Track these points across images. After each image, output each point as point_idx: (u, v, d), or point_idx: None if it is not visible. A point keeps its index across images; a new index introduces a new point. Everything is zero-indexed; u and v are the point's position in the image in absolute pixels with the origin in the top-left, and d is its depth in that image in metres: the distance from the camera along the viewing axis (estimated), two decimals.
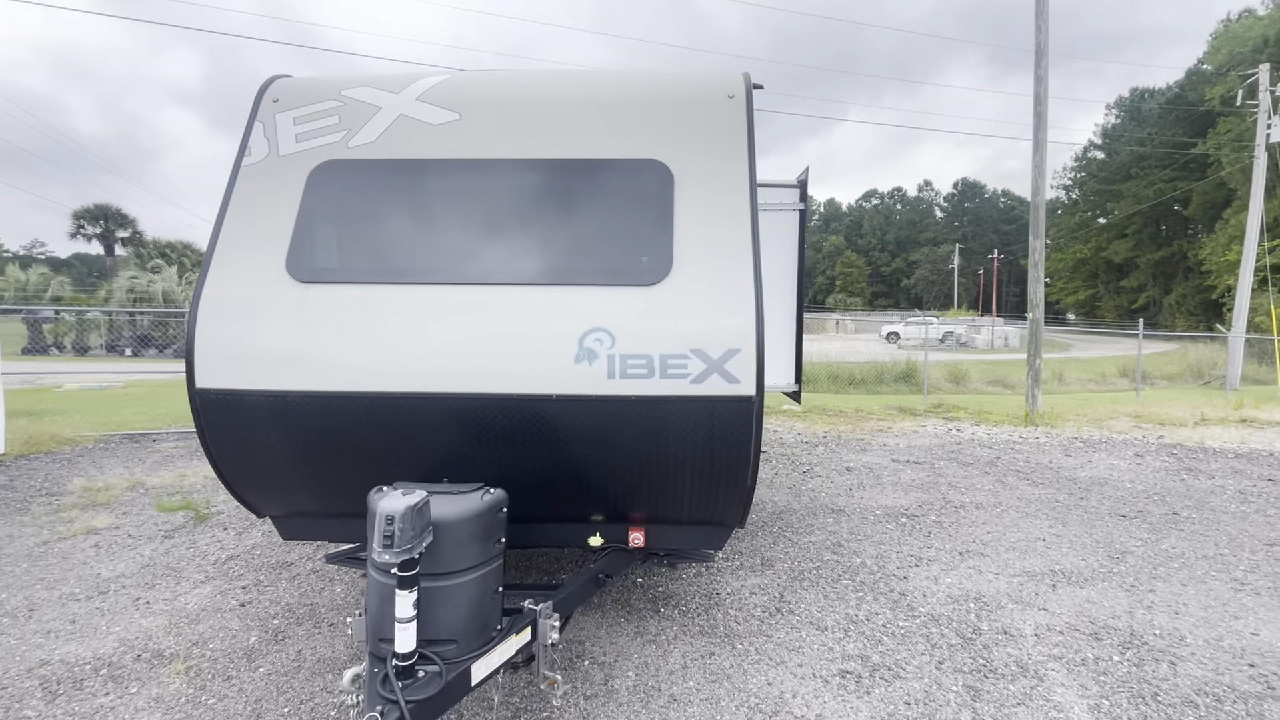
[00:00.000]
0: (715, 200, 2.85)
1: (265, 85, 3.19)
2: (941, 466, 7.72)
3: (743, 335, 2.63)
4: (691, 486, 2.86)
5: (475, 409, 2.66)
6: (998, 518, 5.69)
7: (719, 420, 2.65)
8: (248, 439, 2.78)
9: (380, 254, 2.87)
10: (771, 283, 4.57)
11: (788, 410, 12.23)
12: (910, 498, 6.30)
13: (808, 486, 6.65)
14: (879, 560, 4.62)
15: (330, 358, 2.70)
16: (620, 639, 3.45)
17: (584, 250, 2.85)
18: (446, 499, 2.25)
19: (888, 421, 11.26)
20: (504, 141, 2.99)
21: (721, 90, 3.08)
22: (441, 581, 2.17)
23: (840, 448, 8.80)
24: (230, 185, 2.96)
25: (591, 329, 2.65)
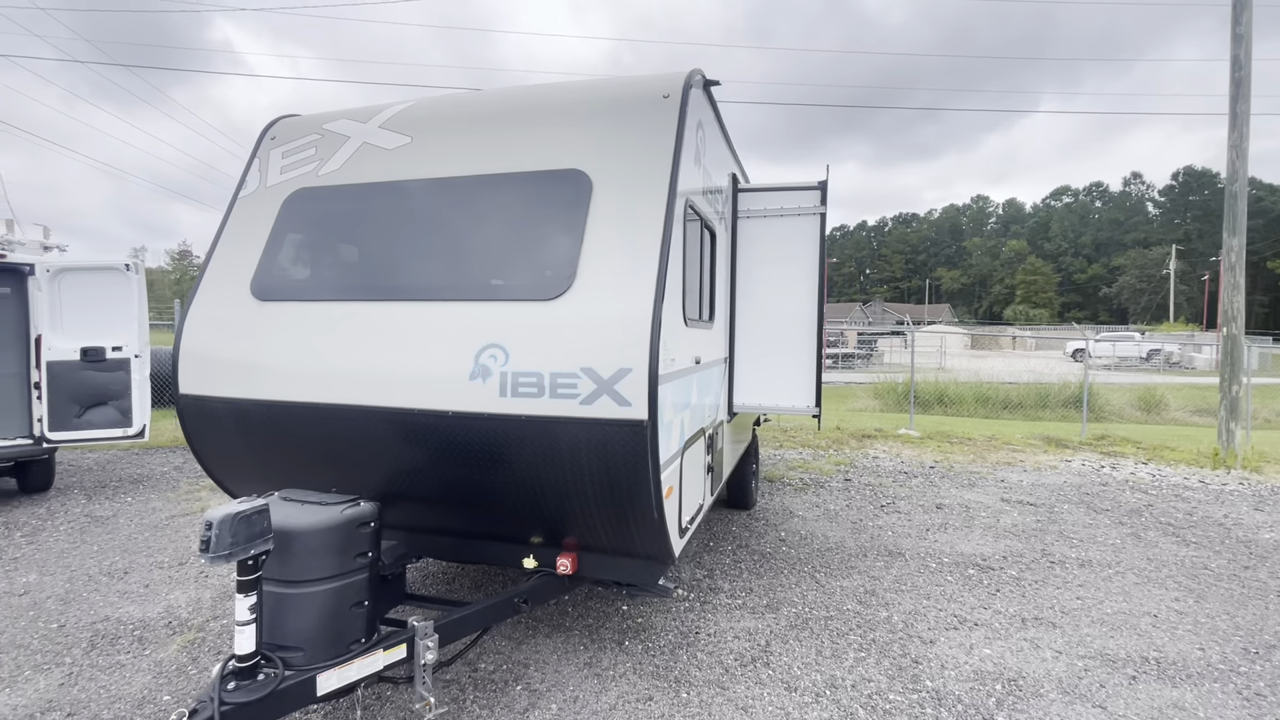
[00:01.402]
0: (630, 209, 2.66)
1: (268, 125, 3.58)
2: (1062, 511, 6.45)
3: (635, 354, 2.41)
4: (598, 516, 2.67)
5: (383, 421, 2.72)
6: (1104, 581, 4.61)
7: (611, 445, 2.45)
8: (216, 437, 3.11)
9: (320, 272, 3.07)
10: (786, 294, 4.18)
11: (903, 435, 11.06)
12: (997, 546, 5.34)
13: (876, 523, 5.92)
14: (910, 617, 3.95)
15: (272, 369, 2.93)
16: (566, 668, 3.30)
17: (493, 265, 2.81)
18: (304, 509, 2.32)
19: (1023, 453, 9.70)
20: (443, 161, 3.05)
21: (657, 91, 2.88)
22: (290, 589, 2.24)
23: (944, 481, 7.74)
24: (226, 214, 3.36)
25: (488, 345, 2.59)
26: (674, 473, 2.72)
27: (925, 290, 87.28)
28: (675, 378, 2.70)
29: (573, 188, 2.75)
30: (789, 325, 4.30)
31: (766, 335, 4.35)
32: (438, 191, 2.98)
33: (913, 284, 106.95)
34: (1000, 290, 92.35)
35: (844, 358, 35.83)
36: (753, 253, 4.34)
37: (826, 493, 7.03)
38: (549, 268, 2.66)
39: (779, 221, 4.30)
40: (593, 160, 2.80)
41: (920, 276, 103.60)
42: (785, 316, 4.30)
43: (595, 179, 2.75)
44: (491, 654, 3.45)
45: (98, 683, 3.18)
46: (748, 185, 4.43)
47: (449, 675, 3.22)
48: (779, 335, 4.32)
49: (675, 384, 2.71)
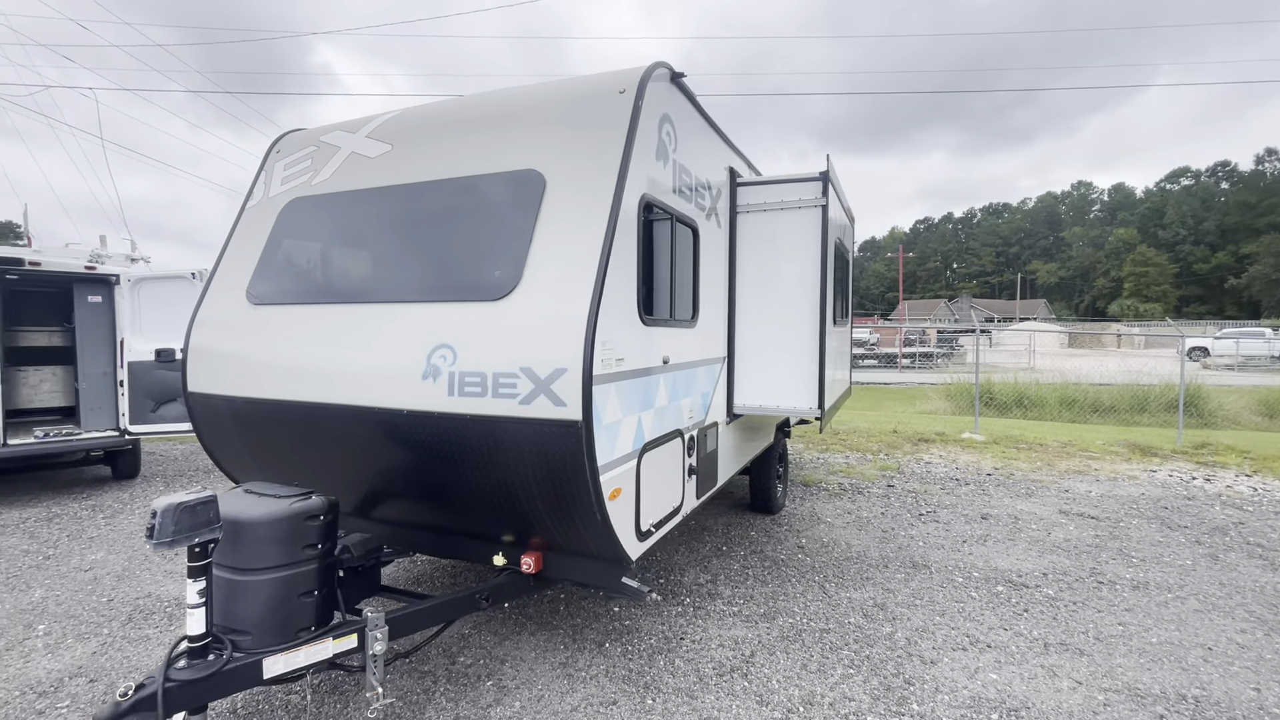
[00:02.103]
0: (578, 207, 2.63)
1: (276, 140, 3.82)
2: (1128, 526, 5.84)
3: (570, 354, 2.38)
4: (547, 516, 2.66)
5: (351, 419, 2.83)
6: (1158, 607, 4.13)
7: (549, 445, 2.43)
8: (219, 432, 3.34)
9: (304, 277, 3.23)
10: (786, 292, 4.02)
11: (965, 440, 10.37)
12: (1040, 561, 4.90)
13: (909, 532, 5.58)
14: (917, 634, 3.69)
15: (259, 368, 3.12)
16: (541, 666, 3.32)
17: (449, 266, 2.86)
18: (256, 500, 2.45)
19: (1100, 461, 8.87)
20: (415, 167, 3.14)
21: (613, 87, 2.83)
22: (241, 576, 2.37)
23: (998, 489, 7.20)
24: (234, 224, 3.61)
25: (439, 345, 2.65)
26: (625, 474, 2.67)
27: (1017, 285, 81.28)
28: (625, 378, 2.65)
29: (527, 188, 2.76)
30: (788, 324, 4.12)
31: (766, 335, 4.19)
32: (406, 197, 3.07)
33: (1004, 278, 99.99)
34: (1105, 284, 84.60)
35: (921, 357, 34.07)
36: (752, 249, 4.19)
37: (863, 499, 6.70)
38: (499, 268, 2.68)
39: (779, 215, 4.13)
40: (548, 159, 2.79)
41: (1013, 270, 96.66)
42: (784, 315, 4.12)
43: (549, 178, 2.74)
44: (474, 648, 3.52)
45: (124, 653, 3.50)
46: (747, 179, 4.28)
47: (426, 666, 3.32)
48: (778, 335, 4.15)
49: (625, 384, 2.65)
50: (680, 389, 3.33)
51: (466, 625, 3.77)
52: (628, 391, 2.68)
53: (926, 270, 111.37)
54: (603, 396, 2.46)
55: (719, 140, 3.97)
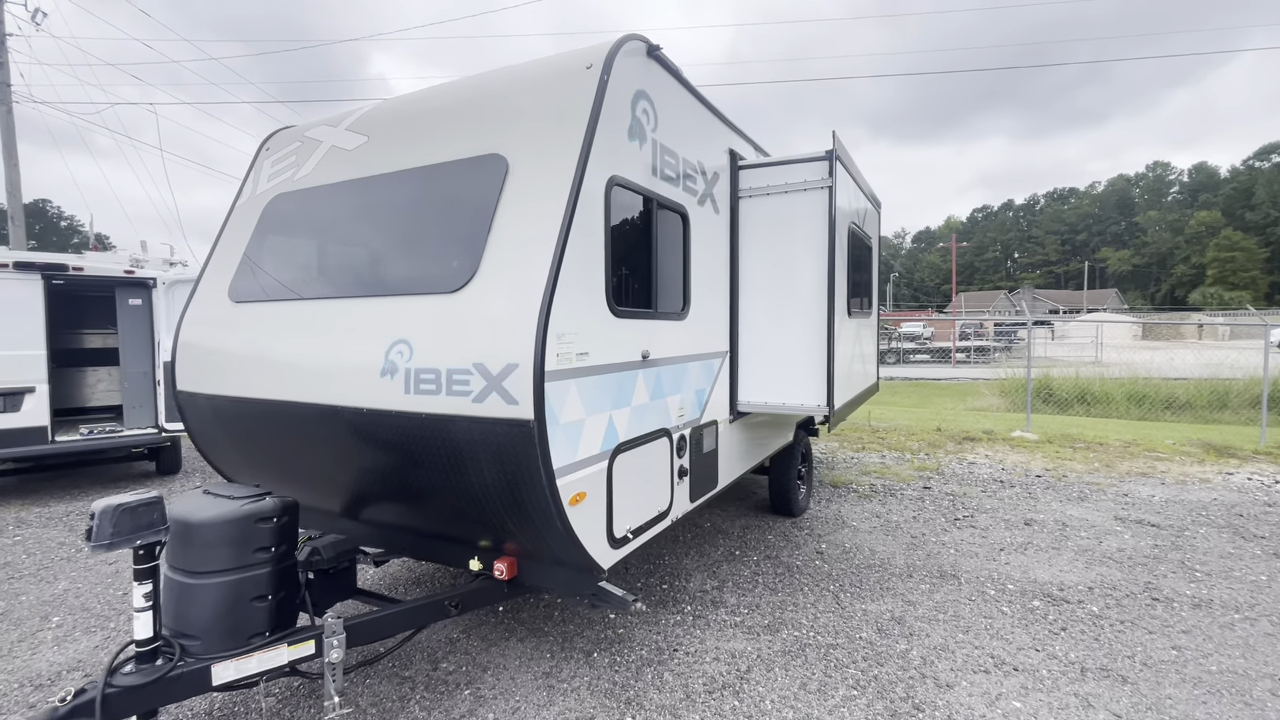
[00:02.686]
0: (538, 191, 2.46)
1: (266, 138, 3.80)
2: (1194, 535, 5.28)
3: (521, 349, 2.22)
4: (510, 521, 2.51)
5: (319, 417, 2.75)
6: (1222, 629, 3.66)
7: (503, 447, 2.28)
8: (207, 430, 3.34)
9: (280, 273, 3.18)
10: (791, 281, 3.76)
11: (1016, 438, 9.72)
12: (1086, 574, 4.46)
13: (940, 539, 5.20)
14: (935, 653, 3.37)
15: (237, 367, 3.09)
16: (523, 676, 3.18)
17: (410, 257, 2.74)
18: (207, 502, 2.39)
19: (1168, 462, 8.13)
20: (388, 157, 3.04)
21: (580, 63, 2.64)
22: (190, 579, 2.31)
23: (1047, 492, 6.66)
24: (224, 222, 3.61)
25: (397, 340, 2.53)
26: (591, 477, 2.48)
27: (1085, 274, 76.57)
28: (589, 374, 2.47)
29: (490, 173, 2.61)
30: (794, 317, 3.84)
31: (771, 328, 3.92)
32: (376, 188, 2.97)
33: (1070, 268, 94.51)
34: (1185, 271, 78.81)
35: (977, 351, 32.53)
36: (755, 237, 3.93)
37: (895, 502, 6.31)
38: (457, 258, 2.54)
39: (783, 199, 3.85)
40: (512, 142, 2.63)
41: (1080, 259, 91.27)
42: (790, 307, 3.85)
43: (512, 162, 2.58)
44: (459, 653, 3.41)
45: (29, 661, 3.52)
46: (749, 161, 4.01)
47: (408, 671, 3.23)
48: (784, 328, 3.87)
49: (589, 380, 2.47)
50: (666, 386, 3.12)
51: (456, 630, 3.67)
52: (593, 388, 2.50)
53: (985, 261, 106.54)
54: (560, 394, 2.28)
55: (715, 120, 3.72)
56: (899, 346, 32.92)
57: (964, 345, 32.88)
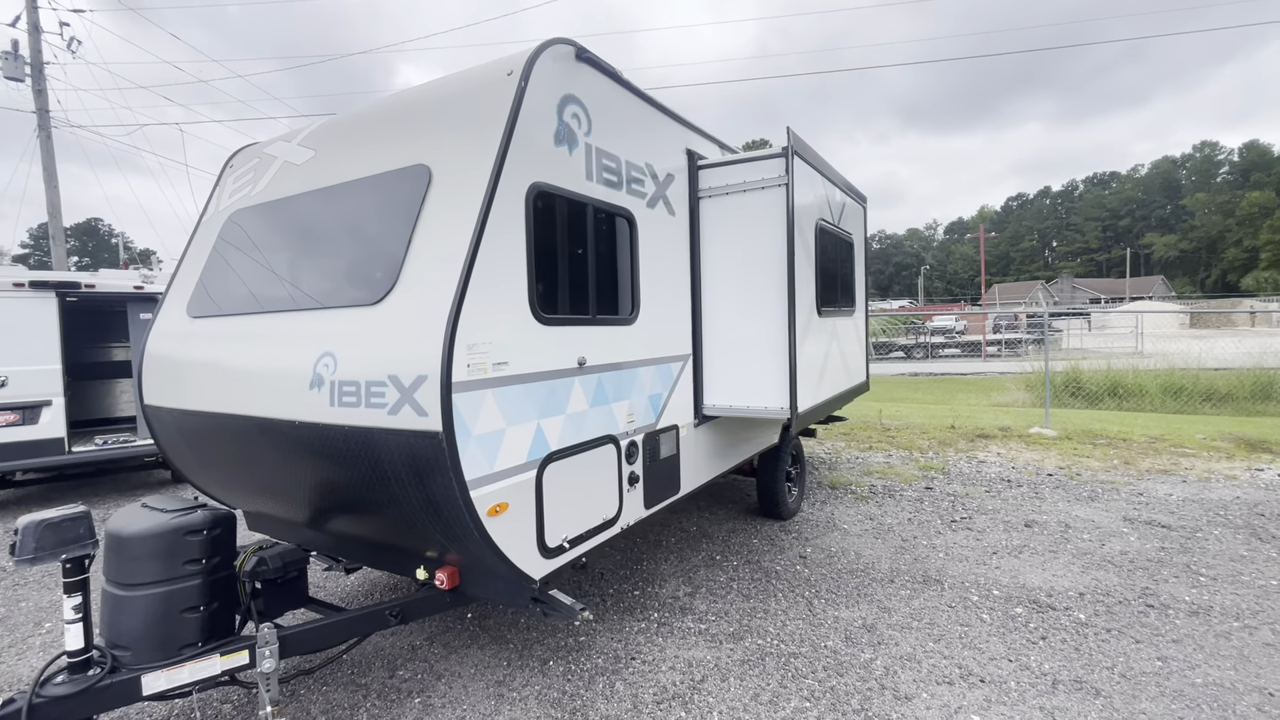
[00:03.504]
0: (457, 201, 2.45)
1: (231, 155, 3.89)
2: (1207, 537, 5.01)
3: (429, 359, 2.21)
4: (437, 531, 2.50)
5: (257, 430, 2.80)
6: (1217, 638, 3.46)
7: (418, 459, 2.27)
8: (171, 443, 3.43)
9: (229, 288, 3.24)
10: (751, 282, 3.70)
11: (1033, 435, 9.38)
12: (1081, 579, 4.26)
13: (932, 542, 5.04)
14: (900, 663, 3.26)
15: (192, 380, 3.16)
16: (475, 685, 3.17)
17: (339, 269, 2.76)
18: (139, 515, 2.44)
19: (1194, 458, 7.75)
20: (330, 171, 3.07)
21: (502, 70, 2.63)
22: (122, 591, 2.37)
23: (1055, 492, 6.41)
24: (190, 238, 3.70)
25: (324, 353, 2.55)
26: (514, 488, 2.46)
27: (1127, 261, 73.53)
28: (509, 383, 2.44)
29: (414, 184, 2.61)
30: (756, 318, 3.75)
31: (734, 330, 3.85)
32: (316, 201, 3.00)
33: (1112, 255, 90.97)
34: (1236, 255, 75.11)
35: (1009, 344, 31.54)
36: (715, 237, 3.86)
37: (893, 503, 6.14)
38: (380, 270, 2.55)
39: (742, 198, 3.77)
40: (436, 152, 2.63)
41: (1122, 245, 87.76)
42: (752, 308, 3.76)
43: (435, 172, 2.58)
44: (418, 661, 3.43)
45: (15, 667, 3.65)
46: (709, 161, 3.94)
47: (364, 679, 3.26)
48: (747, 329, 3.79)
49: (510, 390, 2.45)
50: (610, 392, 3.08)
51: (419, 636, 3.70)
52: (516, 398, 2.47)
53: (1021, 251, 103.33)
54: (473, 404, 2.27)
55: (667, 121, 3.66)
56: (927, 341, 32.16)
57: (994, 339, 31.91)
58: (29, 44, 14.89)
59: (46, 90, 15.30)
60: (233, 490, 3.41)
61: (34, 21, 14.95)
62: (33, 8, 14.95)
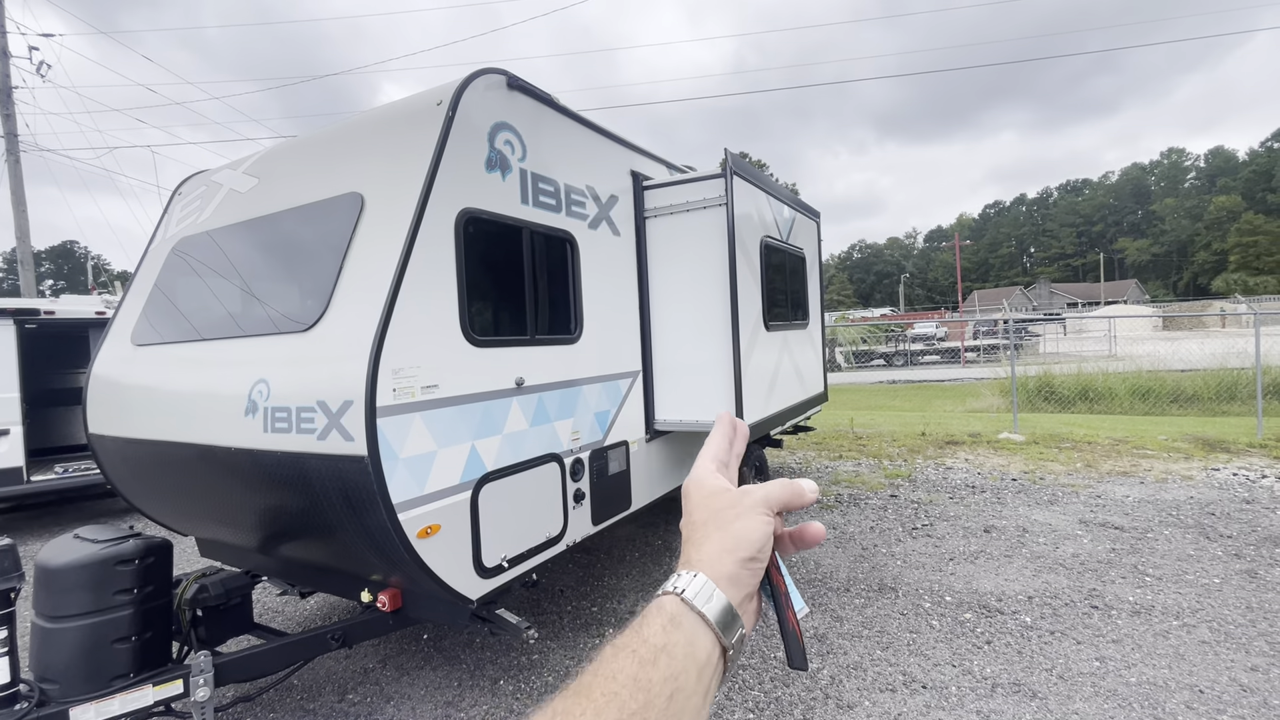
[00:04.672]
0: (386, 228, 2.50)
1: (180, 183, 3.91)
2: (1157, 537, 5.13)
3: (353, 383, 2.25)
4: (370, 554, 2.52)
5: (195, 456, 2.80)
6: (1156, 637, 3.54)
7: (346, 483, 2.30)
8: (116, 471, 3.41)
9: (170, 316, 3.25)
10: (696, 298, 3.77)
11: (1002, 440, 9.52)
12: (1032, 582, 4.34)
13: (891, 549, 5.10)
14: (846, 672, 3.31)
15: (133, 408, 3.16)
16: (424, 706, 3.17)
17: (273, 296, 2.79)
18: (68, 545, 2.44)
19: (1154, 460, 7.92)
20: (268, 199, 3.11)
21: (432, 99, 2.69)
22: (49, 623, 2.36)
23: (1017, 497, 6.52)
24: (137, 266, 3.71)
25: (258, 380, 2.57)
26: (446, 509, 2.49)
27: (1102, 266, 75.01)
28: (439, 406, 2.48)
29: (347, 211, 2.66)
30: (704, 332, 3.83)
31: (683, 344, 3.92)
32: (255, 229, 3.04)
33: (1088, 260, 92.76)
34: (1206, 258, 76.91)
35: (987, 350, 31.98)
36: (662, 254, 3.94)
37: (857, 512, 6.21)
38: (312, 297, 2.59)
39: (685, 218, 3.86)
40: (369, 181, 2.69)
41: (1097, 250, 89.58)
42: (697, 324, 3.84)
43: (367, 200, 2.63)
44: (369, 684, 3.42)
45: None
46: (653, 182, 4.03)
47: (313, 704, 3.24)
48: (696, 344, 3.87)
49: (440, 413, 2.49)
50: (552, 411, 3.12)
51: (373, 659, 3.68)
52: (447, 420, 2.51)
53: (999, 257, 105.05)
54: (400, 428, 2.30)
55: (608, 143, 3.75)
56: (908, 349, 32.53)
57: (973, 345, 32.35)
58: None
59: (15, 115, 15.18)
60: (181, 517, 3.40)
61: (2, 46, 14.86)
62: (0, 33, 14.86)
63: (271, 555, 3.17)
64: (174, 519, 3.46)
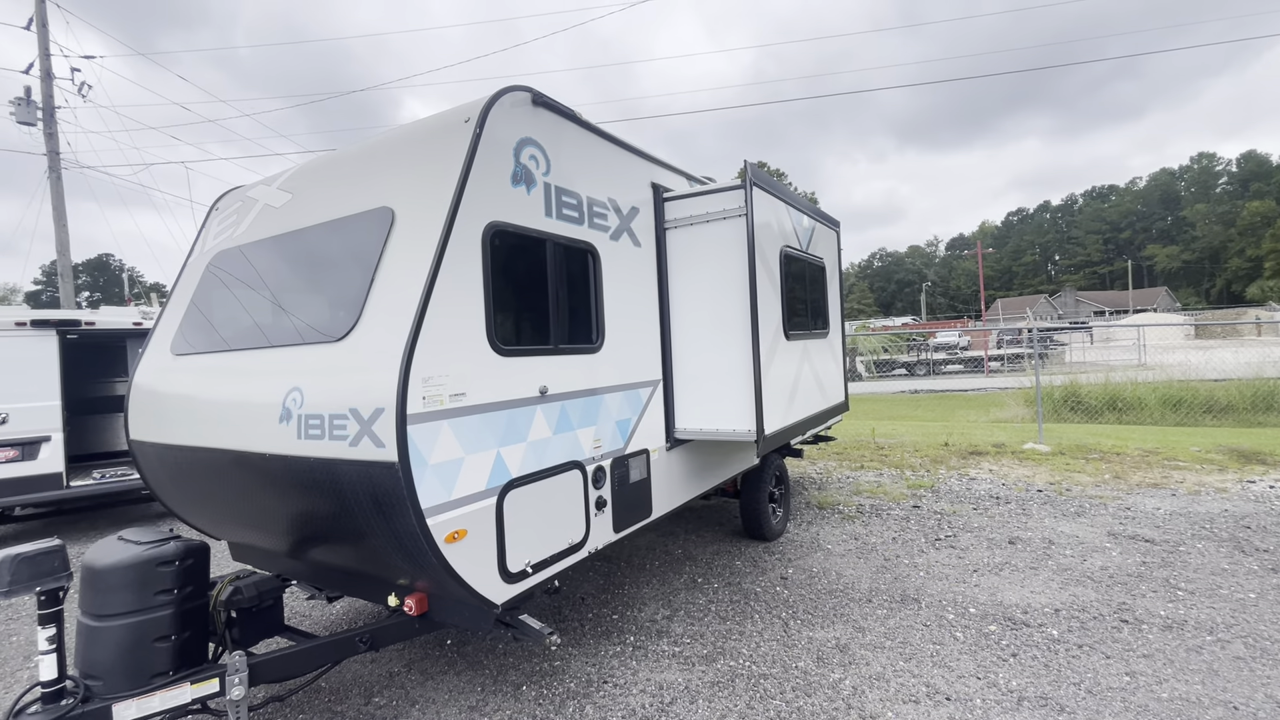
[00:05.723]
0: (416, 242, 2.59)
1: (217, 199, 4.06)
2: (1190, 550, 5.01)
3: (385, 392, 2.32)
4: (399, 559, 2.59)
5: (232, 462, 2.90)
6: (1189, 652, 3.47)
7: (377, 488, 2.37)
8: (155, 472, 3.53)
9: (207, 326, 3.37)
10: (716, 308, 3.82)
11: (1027, 451, 9.37)
12: (1059, 595, 4.28)
13: (914, 561, 5.06)
14: (869, 683, 3.29)
15: (172, 415, 3.28)
16: (449, 710, 3.22)
17: (308, 307, 2.89)
18: (114, 547, 2.54)
19: (1186, 471, 7.74)
20: (302, 213, 3.22)
21: (460, 116, 2.78)
22: (95, 622, 2.45)
23: (1043, 508, 6.41)
24: (176, 279, 3.86)
25: (292, 388, 2.66)
26: (473, 514, 2.55)
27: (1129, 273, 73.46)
28: (466, 414, 2.55)
29: (378, 225, 2.75)
30: (725, 342, 3.86)
31: (703, 354, 3.95)
32: (289, 243, 3.15)
33: (1115, 267, 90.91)
34: (1240, 265, 74.92)
35: (1012, 359, 31.46)
36: (682, 266, 3.99)
37: (879, 522, 6.16)
38: (344, 308, 2.67)
39: (705, 228, 3.91)
40: (399, 195, 2.78)
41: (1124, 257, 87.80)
42: (718, 333, 3.87)
43: (398, 214, 2.72)
44: (395, 688, 3.48)
45: None
46: (674, 194, 4.09)
47: (341, 706, 3.30)
48: (715, 354, 3.90)
49: (468, 420, 2.55)
50: (575, 418, 3.18)
51: (398, 664, 3.75)
52: (474, 427, 2.58)
53: (1023, 265, 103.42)
54: (429, 435, 2.37)
55: (631, 157, 3.81)
56: (930, 358, 32.14)
57: (997, 354, 31.86)
58: (41, 90, 15.41)
59: (57, 134, 15.80)
60: (215, 522, 3.51)
61: (45, 69, 15.50)
62: (44, 55, 15.50)
63: (302, 559, 3.26)
64: (208, 523, 3.57)
